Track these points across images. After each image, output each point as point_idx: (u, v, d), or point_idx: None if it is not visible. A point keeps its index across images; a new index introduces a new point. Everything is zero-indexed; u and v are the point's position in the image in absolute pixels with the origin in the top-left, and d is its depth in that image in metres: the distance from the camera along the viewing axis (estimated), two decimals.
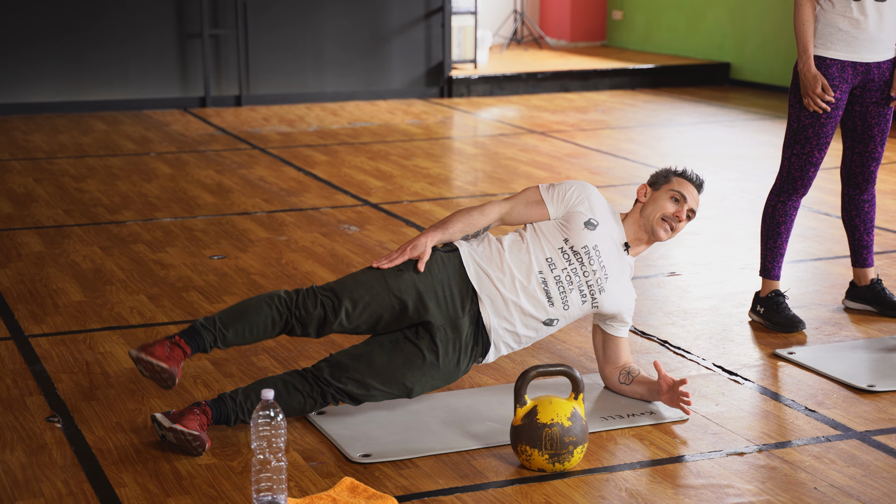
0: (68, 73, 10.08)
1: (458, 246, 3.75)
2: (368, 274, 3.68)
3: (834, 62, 4.52)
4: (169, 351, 3.51)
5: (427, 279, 3.66)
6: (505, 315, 3.69)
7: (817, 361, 4.26)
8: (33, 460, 3.47)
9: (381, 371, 3.61)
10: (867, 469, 3.44)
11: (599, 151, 8.44)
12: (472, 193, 7.10)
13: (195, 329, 3.57)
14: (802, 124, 4.58)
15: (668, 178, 3.91)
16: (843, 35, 4.50)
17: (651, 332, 4.62)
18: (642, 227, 3.87)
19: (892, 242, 5.94)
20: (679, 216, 3.84)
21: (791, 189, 4.69)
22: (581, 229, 3.74)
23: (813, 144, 4.59)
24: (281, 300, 3.61)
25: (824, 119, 4.55)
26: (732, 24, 12.07)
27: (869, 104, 4.61)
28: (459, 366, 3.69)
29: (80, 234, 6.03)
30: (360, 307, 3.62)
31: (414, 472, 3.40)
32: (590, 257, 3.73)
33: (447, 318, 3.65)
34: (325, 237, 6.00)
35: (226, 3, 10.40)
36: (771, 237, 4.75)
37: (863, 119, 4.63)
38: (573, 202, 3.79)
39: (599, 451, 3.56)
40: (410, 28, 11.05)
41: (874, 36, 4.51)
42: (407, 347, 3.64)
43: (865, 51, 4.52)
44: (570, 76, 11.63)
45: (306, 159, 8.07)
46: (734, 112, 10.34)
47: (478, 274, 3.69)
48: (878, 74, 4.57)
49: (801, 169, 4.64)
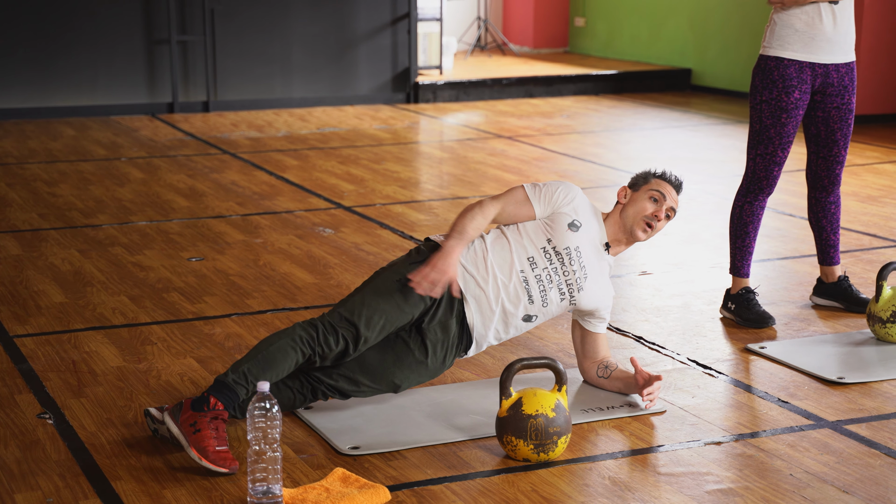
0: (37, 79, 10.09)
1: None
2: (378, 295, 3.69)
3: (792, 62, 4.64)
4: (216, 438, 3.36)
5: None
6: (487, 314, 3.78)
7: (788, 355, 4.39)
8: (28, 455, 3.53)
9: (371, 369, 3.71)
10: (840, 456, 3.56)
11: (567, 155, 8.56)
12: (443, 196, 7.19)
13: (227, 386, 3.48)
14: (764, 125, 4.71)
15: (648, 179, 4.01)
16: (800, 35, 4.62)
17: (626, 328, 4.74)
18: (621, 228, 3.97)
19: (855, 242, 6.09)
20: (658, 215, 3.94)
21: (757, 189, 4.82)
22: (564, 230, 3.84)
23: (776, 144, 4.72)
24: (304, 341, 3.58)
25: (785, 119, 4.67)
26: (693, 31, 12.24)
27: (830, 109, 4.73)
28: (445, 363, 3.79)
29: (56, 238, 6.07)
30: (376, 332, 3.66)
31: (402, 463, 3.49)
32: (570, 258, 3.83)
33: (437, 319, 3.75)
34: (300, 239, 6.08)
35: (194, 9, 10.45)
36: (739, 236, 4.88)
37: (826, 124, 4.76)
38: (559, 203, 3.87)
39: (581, 441, 3.66)
40: (377, 34, 11.14)
41: (830, 37, 4.63)
42: (398, 346, 3.73)
43: (822, 52, 4.64)
44: (534, 82, 11.76)
45: (277, 164, 8.14)
46: (697, 117, 10.49)
47: (464, 276, 3.78)
48: (837, 78, 4.69)
49: (765, 169, 4.77)
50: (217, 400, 3.44)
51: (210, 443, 3.36)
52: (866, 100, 9.95)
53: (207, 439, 3.37)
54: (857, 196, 7.16)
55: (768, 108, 4.68)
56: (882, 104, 10.05)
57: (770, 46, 4.68)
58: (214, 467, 3.35)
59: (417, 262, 3.77)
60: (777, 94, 4.65)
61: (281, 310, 4.93)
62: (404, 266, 3.77)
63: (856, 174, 7.85)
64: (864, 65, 9.86)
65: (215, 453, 3.36)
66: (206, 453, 3.36)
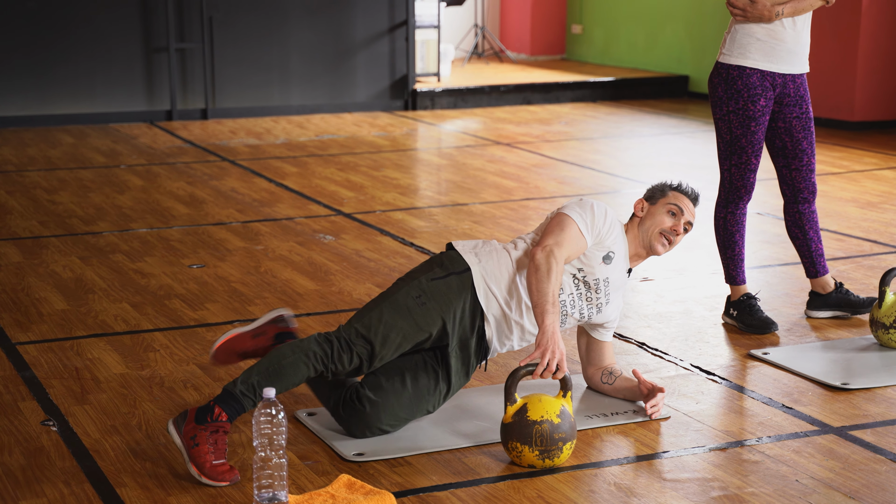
0: (36, 86, 10.09)
1: (470, 265, 3.75)
2: (397, 312, 3.65)
3: (754, 71, 4.65)
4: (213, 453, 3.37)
5: (448, 306, 3.68)
6: (506, 333, 3.77)
7: (791, 361, 4.39)
8: (32, 462, 3.52)
9: (407, 404, 3.69)
10: (846, 462, 3.56)
11: (566, 162, 8.57)
12: (442, 203, 7.19)
13: (234, 397, 3.44)
14: (735, 135, 4.72)
15: (665, 192, 3.99)
16: (761, 45, 4.64)
17: (628, 334, 4.74)
18: (640, 243, 3.95)
19: (855, 248, 6.10)
20: (677, 229, 3.93)
21: (736, 198, 4.82)
22: (598, 263, 3.82)
23: (749, 153, 4.73)
24: (318, 357, 3.54)
25: (755, 127, 4.69)
26: (690, 38, 12.26)
27: (791, 119, 4.74)
28: (468, 376, 3.81)
29: (57, 245, 6.06)
30: (391, 350, 3.63)
31: (408, 470, 3.49)
32: (598, 287, 3.83)
33: (459, 339, 3.72)
34: (301, 246, 6.08)
35: (192, 17, 10.45)
36: (728, 246, 4.88)
37: (790, 135, 4.76)
38: (602, 235, 3.82)
39: (586, 447, 3.66)
40: (375, 42, 11.14)
41: (791, 47, 4.65)
42: (427, 376, 3.71)
43: (783, 62, 4.66)
44: (532, 89, 11.77)
45: (276, 171, 8.14)
46: (694, 123, 10.51)
47: (486, 295, 3.73)
48: (794, 89, 4.71)
49: (741, 178, 4.78)
50: (222, 410, 3.41)
51: (207, 458, 3.36)
52: (865, 106, 9.98)
53: (205, 455, 3.36)
54: (856, 202, 7.17)
55: (736, 118, 4.69)
56: (880, 111, 10.07)
57: (730, 55, 4.69)
58: (212, 482, 3.35)
59: (440, 279, 3.71)
60: (743, 103, 4.66)
61: None
62: (426, 281, 3.71)
63: (855, 180, 7.86)
64: (861, 71, 9.88)
65: (212, 468, 3.35)
66: (203, 469, 3.35)
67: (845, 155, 8.84)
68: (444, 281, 3.71)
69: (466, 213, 6.86)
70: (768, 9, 4.58)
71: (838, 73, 9.97)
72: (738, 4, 4.62)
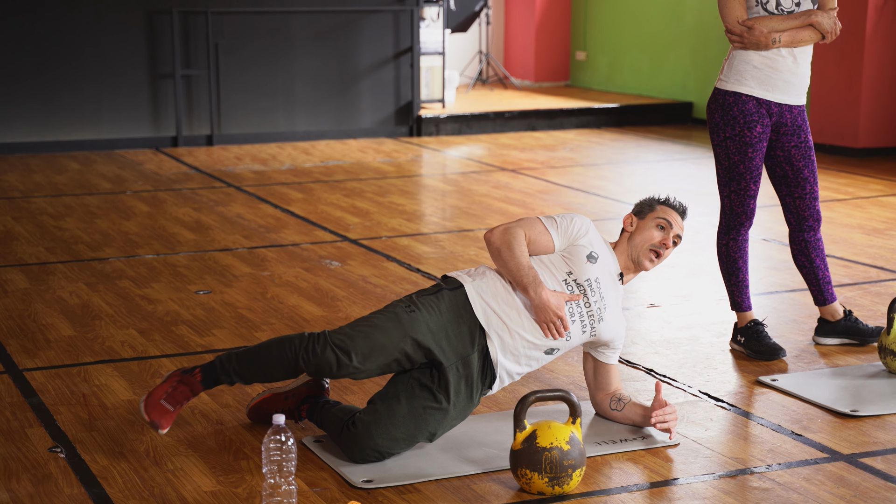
0: (41, 113, 10.12)
1: (463, 283, 3.80)
2: (380, 314, 3.71)
3: (750, 98, 4.66)
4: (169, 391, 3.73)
5: (437, 317, 3.71)
6: (511, 349, 3.77)
7: (800, 388, 4.38)
8: (40, 489, 3.51)
9: (405, 425, 3.67)
10: (856, 490, 3.55)
11: (571, 188, 8.58)
12: (448, 229, 7.20)
13: (213, 367, 3.77)
14: (733, 162, 4.72)
15: (653, 206, 4.01)
16: (758, 72, 4.65)
17: (636, 360, 4.73)
18: (630, 257, 3.97)
19: (862, 274, 6.09)
20: (666, 243, 3.94)
21: (737, 224, 4.82)
22: (584, 262, 3.84)
23: (747, 179, 4.73)
24: (292, 342, 3.67)
25: (752, 153, 4.69)
26: (694, 65, 12.29)
27: (790, 148, 4.74)
28: (472, 400, 3.78)
29: (63, 271, 6.07)
30: (371, 350, 3.64)
31: (417, 497, 3.48)
32: (591, 289, 3.83)
33: (458, 355, 3.72)
34: (307, 272, 6.07)
35: (198, 43, 10.49)
36: (732, 273, 4.87)
37: (790, 164, 4.76)
38: (575, 235, 3.87)
39: (595, 474, 3.65)
40: (380, 68, 11.17)
41: (787, 77, 4.66)
42: (422, 397, 3.69)
43: (779, 91, 4.67)
44: (536, 115, 11.79)
45: (282, 197, 8.15)
46: (699, 150, 10.52)
47: (485, 311, 3.75)
48: (791, 119, 4.71)
49: (742, 204, 4.78)
50: (200, 372, 3.74)
51: (157, 393, 3.70)
52: (869, 133, 9.99)
53: (158, 390, 3.71)
54: (862, 229, 7.17)
55: (733, 144, 4.69)
56: (885, 137, 10.08)
57: (727, 81, 4.70)
58: (143, 412, 3.68)
59: (430, 294, 3.78)
60: (739, 129, 4.67)
61: None
62: (416, 297, 3.78)
63: (860, 207, 7.86)
64: (866, 98, 9.90)
65: (154, 402, 3.69)
66: (148, 397, 3.70)
67: (850, 181, 8.84)
68: (434, 296, 3.78)
69: (472, 239, 6.87)
70: (765, 35, 4.59)
71: (843, 100, 9.98)
72: (736, 31, 4.64)
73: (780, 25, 4.60)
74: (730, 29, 4.65)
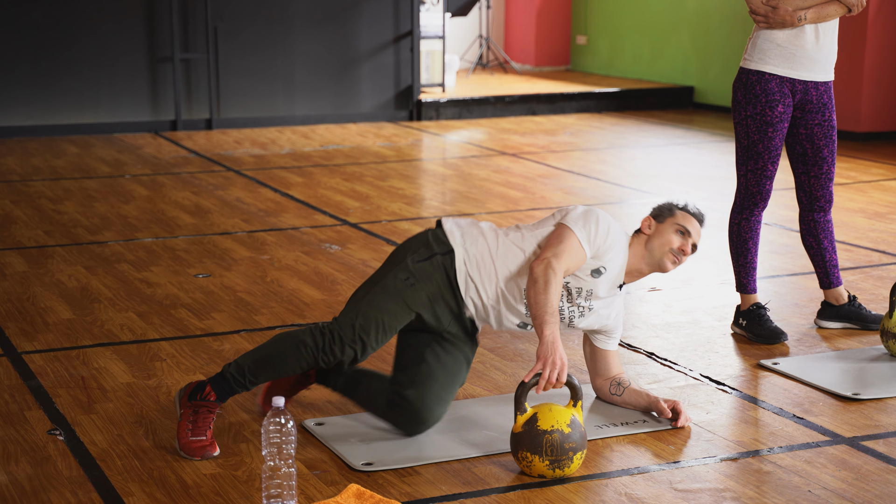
0: (40, 96, 10.08)
1: (454, 247, 3.78)
2: (385, 295, 3.71)
3: (773, 77, 4.64)
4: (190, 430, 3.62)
5: (435, 286, 3.75)
6: (483, 317, 3.82)
7: (802, 371, 4.36)
8: (39, 472, 3.50)
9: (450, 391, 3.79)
10: (858, 473, 3.53)
11: (571, 172, 8.55)
12: (448, 213, 7.17)
13: (224, 378, 3.67)
14: (752, 140, 4.70)
15: (673, 211, 3.97)
16: (781, 51, 4.63)
17: (637, 344, 4.71)
18: (644, 259, 3.92)
19: (864, 258, 6.07)
20: (685, 250, 3.92)
21: (751, 204, 4.80)
22: (587, 276, 3.80)
23: (766, 159, 4.70)
24: (308, 348, 3.64)
25: (772, 133, 4.67)
26: (695, 49, 12.25)
27: (813, 126, 4.71)
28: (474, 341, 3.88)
29: (62, 255, 6.05)
30: (384, 336, 3.70)
31: (417, 480, 3.46)
32: (580, 296, 3.82)
33: (452, 314, 3.78)
34: (307, 256, 6.06)
35: (197, 27, 10.45)
36: (741, 254, 4.85)
37: (811, 142, 4.74)
38: (601, 251, 3.80)
39: (596, 457, 3.63)
40: (380, 52, 11.14)
41: (811, 54, 4.63)
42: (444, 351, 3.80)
43: (803, 68, 4.64)
44: (537, 99, 11.76)
45: (282, 181, 8.13)
46: (700, 134, 10.49)
47: (466, 281, 3.77)
48: (816, 96, 4.69)
49: (757, 184, 4.75)
50: (212, 390, 3.64)
51: (184, 434, 3.61)
52: (871, 117, 9.96)
53: (182, 431, 3.62)
54: (864, 213, 7.15)
55: (754, 122, 4.67)
56: (887, 121, 10.05)
57: (751, 59, 4.68)
58: (187, 455, 3.58)
59: (425, 260, 3.76)
60: (761, 108, 4.65)
61: (290, 326, 4.91)
62: (412, 264, 3.76)
63: (862, 191, 7.84)
64: (868, 82, 9.87)
65: (187, 443, 3.59)
66: (180, 442, 3.61)
67: (852, 166, 8.82)
68: (429, 262, 3.78)
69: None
70: (790, 13, 4.56)
71: (844, 85, 9.95)
72: (760, 11, 4.61)
73: (804, 2, 4.57)
74: (754, 10, 4.63)
